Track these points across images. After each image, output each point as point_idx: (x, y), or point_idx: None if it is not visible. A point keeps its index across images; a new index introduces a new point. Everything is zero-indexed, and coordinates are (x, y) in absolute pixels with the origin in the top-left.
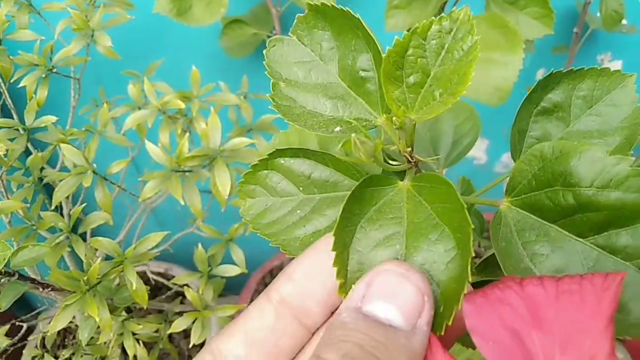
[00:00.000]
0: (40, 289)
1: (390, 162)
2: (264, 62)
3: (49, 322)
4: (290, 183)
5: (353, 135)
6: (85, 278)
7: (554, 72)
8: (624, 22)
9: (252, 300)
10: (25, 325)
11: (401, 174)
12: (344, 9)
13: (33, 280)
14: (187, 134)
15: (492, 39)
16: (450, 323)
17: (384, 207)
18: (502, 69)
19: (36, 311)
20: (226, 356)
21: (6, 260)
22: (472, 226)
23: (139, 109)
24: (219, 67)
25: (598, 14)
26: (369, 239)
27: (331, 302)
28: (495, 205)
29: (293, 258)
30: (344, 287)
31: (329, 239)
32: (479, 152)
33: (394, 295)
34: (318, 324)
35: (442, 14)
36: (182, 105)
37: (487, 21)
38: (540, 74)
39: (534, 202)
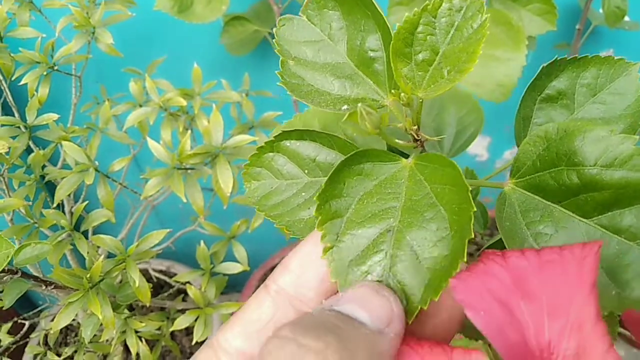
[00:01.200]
0: (43, 287)
1: (399, 141)
2: (268, 54)
3: (51, 320)
4: (296, 166)
5: (360, 104)
6: (88, 276)
7: (557, 59)
8: (626, 18)
9: None
10: (27, 323)
11: (405, 153)
12: None
13: (36, 278)
14: (189, 131)
15: (495, 36)
16: (436, 298)
17: (384, 182)
18: (505, 65)
19: (38, 309)
20: (226, 348)
21: (9, 259)
22: (474, 209)
23: (141, 106)
24: (221, 64)
25: (600, 11)
26: (365, 211)
27: (324, 288)
28: (500, 187)
29: None
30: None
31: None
32: (480, 149)
33: (364, 301)
34: None
35: None
36: (184, 103)
37: (490, 18)
38: None
39: (538, 183)
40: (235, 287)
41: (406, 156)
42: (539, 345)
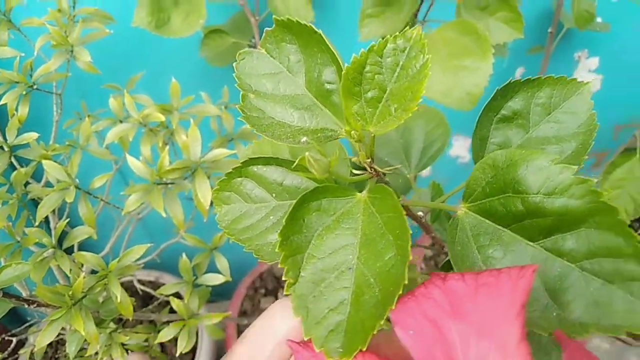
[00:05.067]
0: (26, 305)
1: (356, 171)
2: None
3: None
4: (264, 190)
5: (307, 153)
6: (70, 293)
7: (512, 81)
8: (598, 19)
9: (242, 305)
10: (14, 340)
11: (362, 184)
12: (308, 24)
13: (18, 298)
14: (168, 147)
15: (463, 46)
16: (382, 322)
17: (342, 217)
18: (473, 74)
19: (27, 324)
20: None
21: None
22: (410, 232)
23: (121, 122)
24: (201, 77)
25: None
26: (325, 247)
27: (278, 355)
28: (454, 210)
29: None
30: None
31: (284, 302)
32: (462, 150)
33: None
34: None
35: (397, 33)
36: (162, 119)
37: (457, 27)
38: (519, 73)
39: (488, 208)
40: (224, 295)
41: (361, 186)
42: None
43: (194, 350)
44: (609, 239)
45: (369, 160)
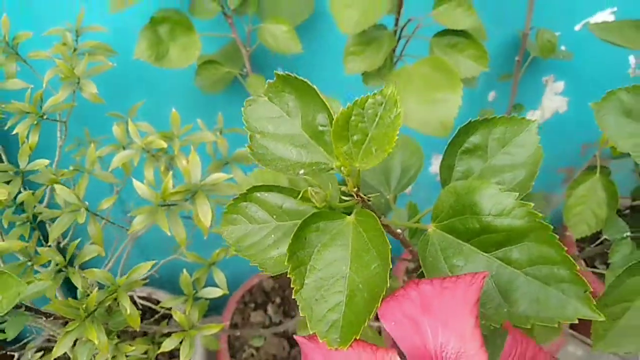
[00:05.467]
0: (44, 319)
1: (345, 197)
2: (238, 92)
3: (36, 351)
4: (266, 212)
5: (309, 188)
6: (83, 306)
7: (472, 120)
8: (562, 48)
9: (233, 318)
10: (16, 355)
11: (350, 208)
12: (304, 80)
13: (37, 311)
14: (171, 172)
15: (436, 80)
16: (371, 317)
17: (335, 236)
18: (444, 106)
19: (23, 341)
20: None
21: (21, 296)
22: (390, 246)
23: (124, 148)
24: (195, 104)
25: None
26: (324, 259)
27: None
28: (425, 228)
29: (272, 276)
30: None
31: None
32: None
33: None
34: None
35: (375, 91)
36: (165, 145)
37: (430, 64)
38: (491, 97)
39: (452, 226)
40: (215, 310)
41: (349, 210)
42: (434, 348)
43: None
44: (544, 250)
45: (356, 189)
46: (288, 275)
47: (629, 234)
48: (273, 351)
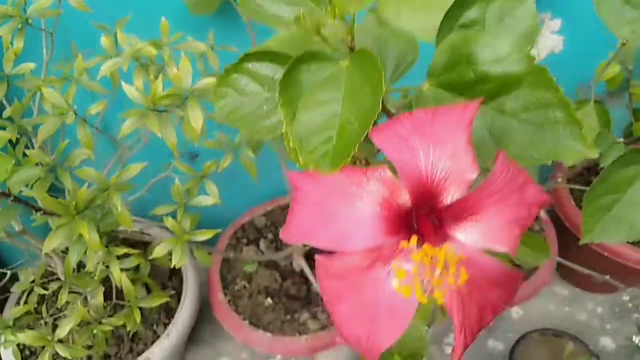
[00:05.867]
0: (34, 212)
1: None
2: (230, 14)
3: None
4: (257, 84)
5: (300, 10)
6: (74, 203)
7: None
8: None
9: (225, 252)
10: (8, 273)
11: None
12: None
13: (27, 203)
14: (161, 75)
15: None
16: (360, 141)
17: (328, 78)
18: (440, 14)
19: (18, 263)
20: None
21: (8, 173)
22: (384, 80)
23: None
24: (184, 25)
25: None
26: (314, 99)
27: None
28: (420, 87)
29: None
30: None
31: None
32: None
33: None
34: None
35: None
36: (155, 52)
37: None
38: None
39: (447, 81)
40: (208, 245)
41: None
42: (425, 164)
43: (179, 295)
44: (540, 94)
45: (350, 37)
46: (279, 109)
47: (622, 139)
48: (265, 283)
